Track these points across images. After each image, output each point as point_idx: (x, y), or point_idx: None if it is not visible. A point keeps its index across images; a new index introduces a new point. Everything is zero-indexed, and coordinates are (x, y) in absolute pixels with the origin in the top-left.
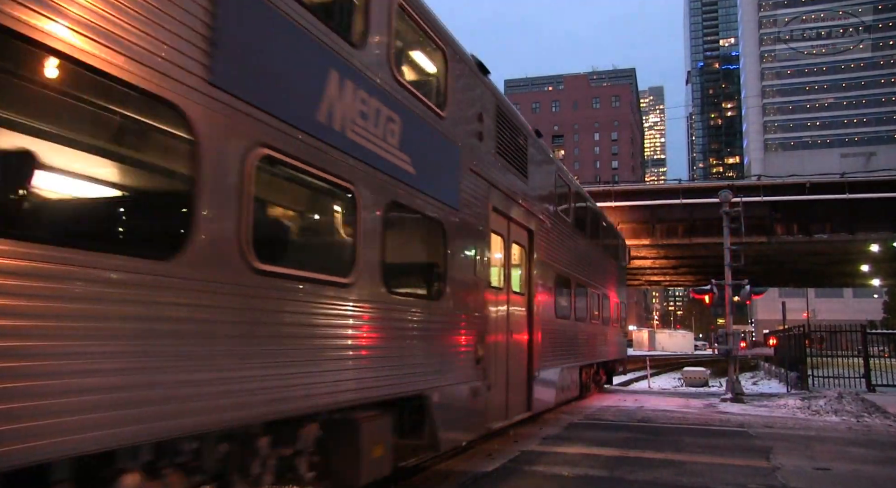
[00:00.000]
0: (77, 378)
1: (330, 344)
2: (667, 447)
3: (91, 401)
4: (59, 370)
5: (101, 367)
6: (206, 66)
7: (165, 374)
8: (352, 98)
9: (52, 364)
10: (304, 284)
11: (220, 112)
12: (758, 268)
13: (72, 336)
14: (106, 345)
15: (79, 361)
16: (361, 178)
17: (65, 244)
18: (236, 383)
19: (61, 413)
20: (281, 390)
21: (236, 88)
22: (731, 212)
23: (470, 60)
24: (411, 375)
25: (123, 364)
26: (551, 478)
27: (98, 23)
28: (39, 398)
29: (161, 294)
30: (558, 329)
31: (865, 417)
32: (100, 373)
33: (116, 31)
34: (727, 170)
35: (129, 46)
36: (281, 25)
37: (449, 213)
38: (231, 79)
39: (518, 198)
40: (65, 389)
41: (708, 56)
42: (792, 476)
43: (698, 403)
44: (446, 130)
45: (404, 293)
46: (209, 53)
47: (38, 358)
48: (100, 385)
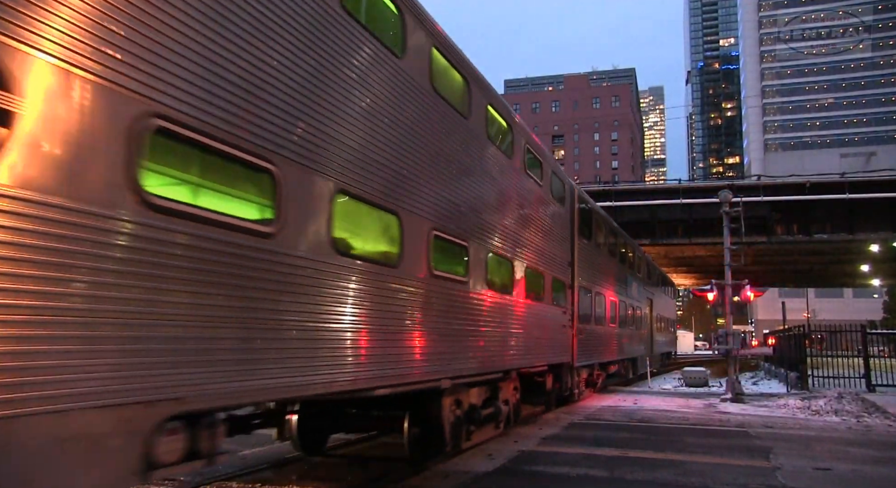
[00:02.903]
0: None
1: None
2: (667, 447)
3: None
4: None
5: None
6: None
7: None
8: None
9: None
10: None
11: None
12: (758, 267)
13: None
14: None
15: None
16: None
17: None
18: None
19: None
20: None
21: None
22: (731, 212)
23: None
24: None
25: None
26: (551, 478)
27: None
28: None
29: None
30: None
31: (865, 417)
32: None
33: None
34: (727, 170)
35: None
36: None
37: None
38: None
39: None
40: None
41: (708, 56)
42: (792, 476)
43: (698, 403)
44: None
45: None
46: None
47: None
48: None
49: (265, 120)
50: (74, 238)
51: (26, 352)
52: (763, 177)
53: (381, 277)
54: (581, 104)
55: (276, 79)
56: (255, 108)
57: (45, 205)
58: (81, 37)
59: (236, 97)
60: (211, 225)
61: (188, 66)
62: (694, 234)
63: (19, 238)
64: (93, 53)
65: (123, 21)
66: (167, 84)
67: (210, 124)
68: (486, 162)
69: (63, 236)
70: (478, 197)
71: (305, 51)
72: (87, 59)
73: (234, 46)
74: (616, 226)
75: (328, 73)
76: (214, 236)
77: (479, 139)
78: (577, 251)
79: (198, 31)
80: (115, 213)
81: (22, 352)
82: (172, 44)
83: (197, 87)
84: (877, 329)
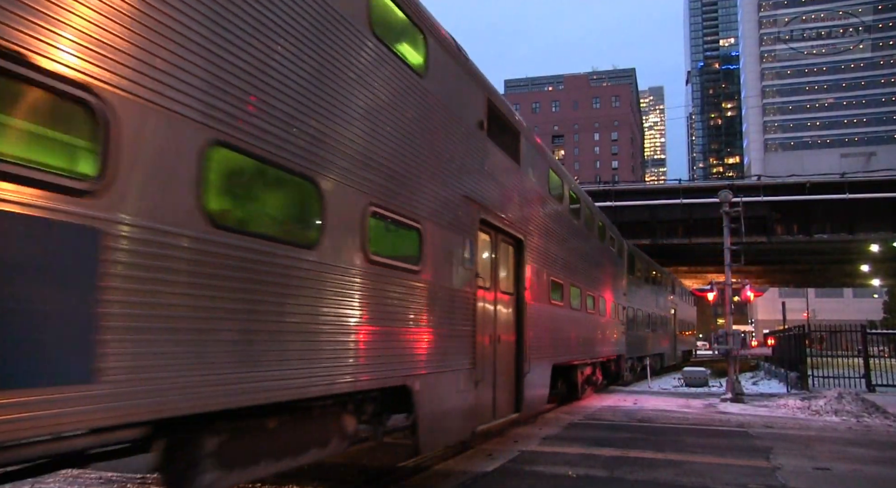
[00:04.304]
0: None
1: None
2: (667, 447)
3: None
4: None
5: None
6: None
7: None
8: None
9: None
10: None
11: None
12: (758, 267)
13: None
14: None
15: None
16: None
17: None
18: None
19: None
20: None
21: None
22: (731, 212)
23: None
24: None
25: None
26: (551, 478)
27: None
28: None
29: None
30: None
31: (865, 417)
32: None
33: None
34: (727, 170)
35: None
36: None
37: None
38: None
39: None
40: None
41: (708, 56)
42: (792, 476)
43: (698, 403)
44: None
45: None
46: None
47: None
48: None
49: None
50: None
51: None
52: (763, 177)
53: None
54: (581, 104)
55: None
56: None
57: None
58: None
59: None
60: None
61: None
62: (694, 234)
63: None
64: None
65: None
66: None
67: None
68: (591, 248)
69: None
70: (593, 263)
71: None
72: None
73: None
74: (650, 260)
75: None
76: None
77: (580, 227)
78: (627, 284)
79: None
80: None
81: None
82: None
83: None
84: (877, 329)
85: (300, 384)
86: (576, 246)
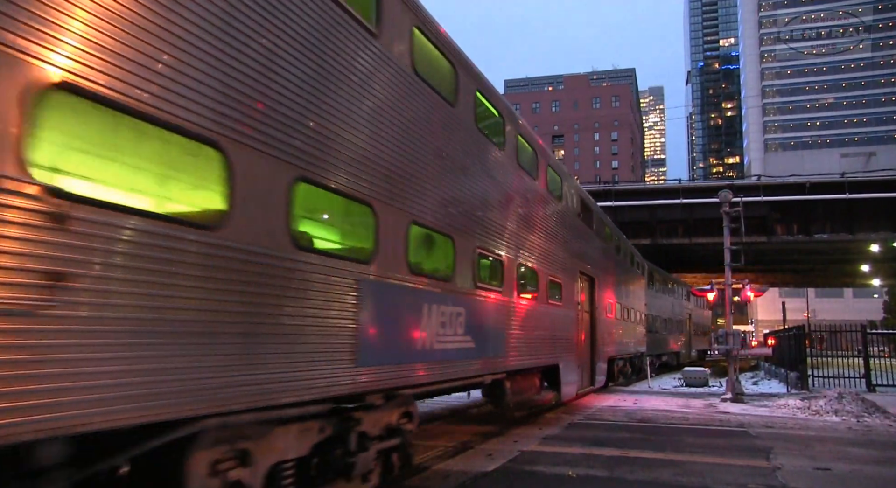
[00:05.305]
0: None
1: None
2: (667, 447)
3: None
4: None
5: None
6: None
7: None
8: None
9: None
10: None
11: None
12: (758, 267)
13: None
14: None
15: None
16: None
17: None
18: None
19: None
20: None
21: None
22: (731, 212)
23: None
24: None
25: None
26: (551, 478)
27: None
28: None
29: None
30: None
31: (865, 417)
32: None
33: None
34: (727, 170)
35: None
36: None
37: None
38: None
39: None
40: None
41: (708, 56)
42: (792, 476)
43: (698, 403)
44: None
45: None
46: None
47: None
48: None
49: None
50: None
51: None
52: (763, 177)
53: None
54: (581, 104)
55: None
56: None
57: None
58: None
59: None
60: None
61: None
62: (694, 234)
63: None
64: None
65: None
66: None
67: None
68: (628, 274)
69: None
70: (628, 283)
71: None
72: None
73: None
74: (666, 274)
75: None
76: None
77: (622, 261)
78: (647, 296)
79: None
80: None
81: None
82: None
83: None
84: (877, 329)
85: (527, 362)
86: (621, 276)
